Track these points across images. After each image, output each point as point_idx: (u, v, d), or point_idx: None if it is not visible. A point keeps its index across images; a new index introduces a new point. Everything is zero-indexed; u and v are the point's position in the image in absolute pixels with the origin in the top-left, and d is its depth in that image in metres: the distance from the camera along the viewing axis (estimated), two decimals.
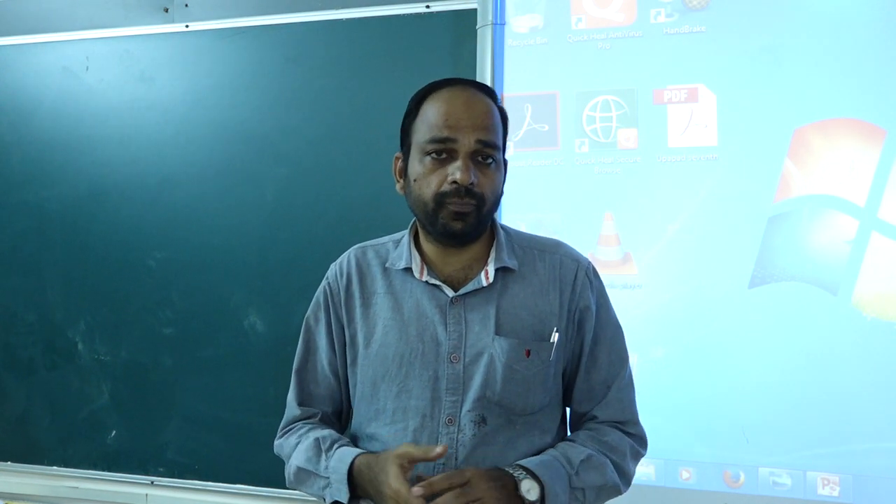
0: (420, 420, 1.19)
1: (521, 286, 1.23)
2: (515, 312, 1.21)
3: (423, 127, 1.18)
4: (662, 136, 1.86)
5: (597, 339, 1.27)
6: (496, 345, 1.19)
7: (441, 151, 1.15)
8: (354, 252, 1.33)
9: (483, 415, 1.18)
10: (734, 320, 1.80)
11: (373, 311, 1.25)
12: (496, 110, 1.20)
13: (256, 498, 2.27)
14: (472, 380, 1.19)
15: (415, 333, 1.21)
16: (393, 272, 1.26)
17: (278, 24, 2.24)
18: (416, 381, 1.20)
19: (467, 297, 1.21)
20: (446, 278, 1.23)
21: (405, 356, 1.21)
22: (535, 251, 1.27)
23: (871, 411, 1.70)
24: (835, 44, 1.75)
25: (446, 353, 1.20)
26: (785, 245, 1.77)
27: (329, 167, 2.20)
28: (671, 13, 1.86)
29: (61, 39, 2.45)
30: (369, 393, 1.24)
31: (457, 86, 1.20)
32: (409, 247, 1.25)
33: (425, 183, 1.17)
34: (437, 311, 1.21)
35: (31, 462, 2.49)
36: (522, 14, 1.98)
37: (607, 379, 1.27)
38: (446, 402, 1.19)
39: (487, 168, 1.16)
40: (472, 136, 1.14)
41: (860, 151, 1.73)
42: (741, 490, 1.80)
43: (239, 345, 2.28)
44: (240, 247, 2.28)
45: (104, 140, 2.40)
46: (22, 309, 2.50)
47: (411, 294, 1.23)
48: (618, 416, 1.27)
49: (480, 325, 1.20)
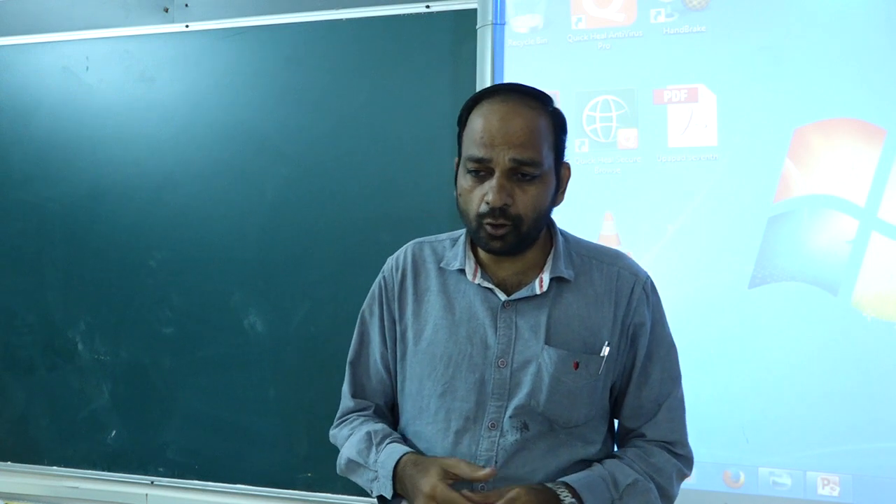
0: (463, 422, 1.19)
1: (575, 296, 1.21)
2: (567, 323, 1.20)
3: (467, 141, 1.17)
4: (662, 136, 1.86)
5: (650, 356, 1.25)
6: (545, 354, 1.18)
7: (479, 170, 1.14)
8: (412, 247, 1.32)
9: (525, 421, 1.17)
10: (734, 320, 1.80)
11: (425, 309, 1.25)
12: (541, 121, 1.15)
13: (256, 498, 2.27)
14: (519, 387, 1.18)
15: (464, 335, 1.20)
16: (447, 272, 1.25)
17: (278, 24, 2.24)
18: (462, 383, 1.20)
19: (519, 302, 1.20)
20: (500, 282, 1.22)
21: (453, 357, 1.20)
22: (593, 261, 1.25)
23: (871, 411, 1.70)
24: (835, 44, 1.75)
25: (494, 357, 1.19)
26: (785, 245, 1.77)
27: (329, 167, 2.20)
28: (671, 13, 1.86)
29: (61, 39, 2.45)
30: (415, 390, 1.24)
31: (498, 97, 1.16)
32: (465, 248, 1.24)
33: (468, 199, 1.16)
34: (488, 314, 1.20)
35: (31, 462, 2.48)
36: (522, 14, 1.98)
37: (658, 397, 1.25)
38: (491, 406, 1.18)
39: (527, 184, 1.14)
40: (507, 154, 1.12)
41: (860, 151, 1.73)
42: (741, 490, 1.80)
43: (239, 345, 2.28)
44: (240, 247, 2.28)
45: (104, 140, 2.40)
46: (22, 309, 2.50)
47: (464, 295, 1.23)
48: (667, 436, 1.25)
49: (531, 332, 1.19)
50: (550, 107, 1.18)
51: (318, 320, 2.21)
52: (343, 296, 2.18)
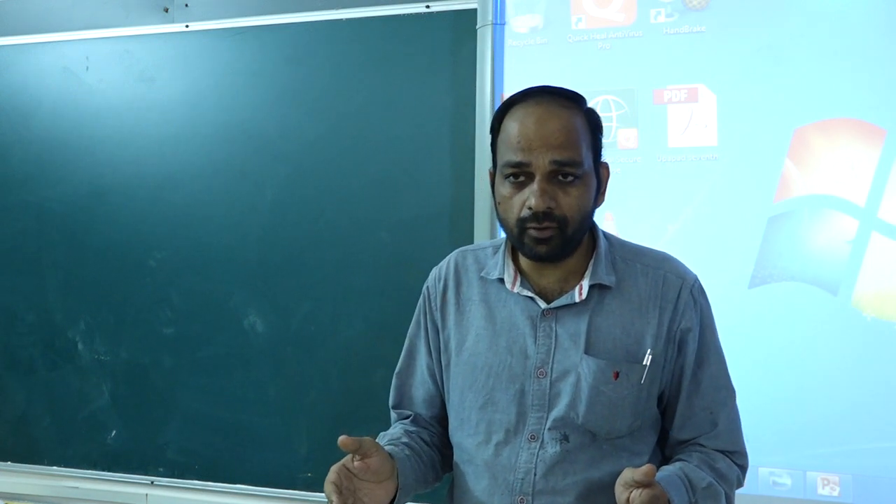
0: (504, 435, 1.17)
1: (618, 303, 1.18)
2: (609, 331, 1.16)
3: (502, 147, 1.14)
4: (662, 136, 1.86)
5: (700, 363, 1.21)
6: (584, 364, 1.14)
7: (518, 174, 1.11)
8: (455, 256, 1.30)
9: (566, 433, 1.15)
10: (734, 320, 1.79)
11: (466, 319, 1.23)
12: (577, 121, 1.13)
13: (256, 498, 2.27)
14: (559, 398, 1.15)
15: (504, 345, 1.18)
16: (489, 281, 1.23)
17: (278, 24, 2.24)
18: (503, 395, 1.18)
19: (560, 310, 1.17)
20: (541, 290, 1.19)
21: (493, 367, 1.19)
22: (637, 265, 1.21)
23: (871, 411, 1.70)
24: (835, 44, 1.75)
25: (534, 367, 1.17)
26: (785, 245, 1.77)
27: (329, 167, 2.20)
28: (671, 13, 1.86)
29: (61, 39, 2.45)
30: (457, 401, 1.23)
31: (531, 100, 1.14)
32: (504, 256, 1.21)
33: (508, 207, 1.13)
34: (528, 322, 1.18)
35: (31, 462, 2.48)
36: (522, 14, 1.98)
37: (711, 405, 1.21)
38: (532, 417, 1.16)
39: (569, 186, 1.11)
40: (547, 157, 1.09)
41: (860, 151, 1.73)
42: (741, 490, 1.78)
43: (239, 345, 2.28)
44: (240, 247, 2.28)
45: (104, 140, 2.40)
46: (22, 309, 2.50)
47: (504, 304, 1.20)
48: (728, 447, 1.23)
49: (570, 341, 1.16)
50: (584, 106, 1.16)
51: (318, 320, 2.21)
52: (343, 296, 2.18)
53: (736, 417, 1.26)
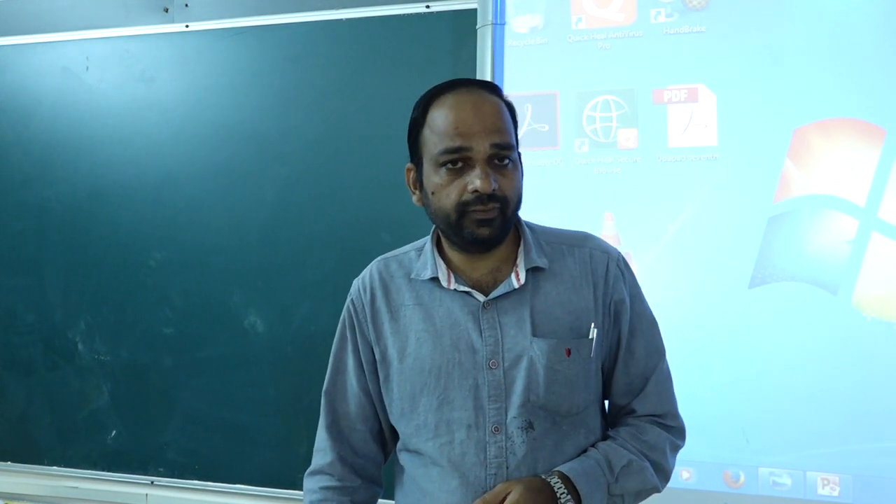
0: (465, 431, 1.17)
1: (553, 284, 1.20)
2: (551, 311, 1.19)
3: (433, 137, 1.15)
4: (662, 136, 1.86)
5: (633, 332, 1.24)
6: (535, 347, 1.16)
7: (456, 161, 1.12)
8: (376, 265, 1.30)
9: (529, 420, 1.16)
10: (734, 320, 1.79)
11: (402, 325, 1.22)
12: (504, 107, 1.16)
13: (256, 498, 2.27)
14: (515, 384, 1.16)
15: (449, 343, 1.18)
16: (419, 283, 1.23)
17: (278, 24, 2.24)
18: (457, 392, 1.18)
19: (499, 300, 1.18)
20: (475, 283, 1.20)
21: (443, 367, 1.18)
22: (563, 246, 1.24)
23: (871, 411, 1.70)
24: (835, 44, 1.75)
25: (484, 359, 1.17)
26: (785, 245, 1.77)
27: (329, 167, 2.20)
28: (671, 13, 1.86)
29: (61, 39, 2.45)
30: (409, 408, 1.21)
31: (460, 89, 1.16)
32: (433, 255, 1.22)
33: (444, 194, 1.14)
34: (469, 317, 1.18)
35: (31, 462, 2.49)
36: (522, 14, 1.98)
37: (645, 371, 1.25)
38: (490, 409, 1.17)
39: (506, 169, 1.13)
40: (486, 140, 1.11)
41: (860, 151, 1.73)
42: (741, 490, 1.80)
43: (239, 345, 2.28)
44: (240, 247, 2.28)
45: (104, 140, 2.40)
46: (22, 309, 2.50)
47: (441, 303, 1.20)
48: (657, 409, 1.25)
49: (516, 327, 1.17)
50: (505, 98, 1.20)
51: (318, 320, 2.21)
52: (343, 296, 2.16)
53: (664, 379, 1.28)
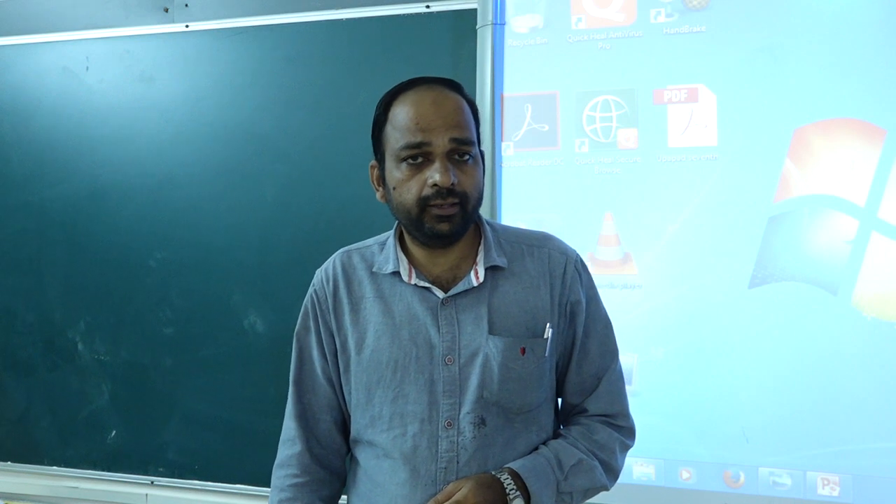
0: (419, 425, 1.19)
1: (511, 283, 1.22)
2: (508, 310, 1.21)
3: (394, 133, 1.16)
4: (662, 136, 1.86)
5: (587, 332, 1.27)
6: (490, 344, 1.18)
7: (417, 156, 1.14)
8: (339, 257, 1.31)
9: (482, 416, 1.18)
10: (734, 320, 1.80)
11: (362, 317, 1.24)
12: (465, 105, 1.18)
13: (256, 498, 2.27)
14: (469, 381, 1.18)
15: (407, 337, 1.20)
16: (380, 276, 1.24)
17: (278, 24, 2.24)
18: (412, 386, 1.19)
19: (458, 297, 1.20)
20: (435, 279, 1.22)
21: (399, 361, 1.20)
22: (522, 246, 1.26)
23: (871, 411, 1.70)
24: (835, 44, 1.75)
25: (440, 355, 1.19)
26: (785, 245, 1.77)
27: (329, 167, 2.20)
28: (671, 13, 1.86)
29: (61, 39, 2.45)
30: (364, 399, 1.23)
31: (422, 86, 1.18)
32: (396, 250, 1.24)
33: (405, 189, 1.15)
34: (428, 313, 1.20)
35: (31, 462, 2.49)
36: (522, 14, 1.98)
37: (598, 371, 1.27)
38: (444, 404, 1.19)
39: (466, 165, 1.15)
40: (446, 135, 1.13)
41: (860, 151, 1.73)
42: (741, 490, 1.80)
43: (239, 345, 2.28)
44: (240, 247, 2.28)
45: (104, 140, 2.40)
46: (22, 309, 2.50)
47: (401, 297, 1.22)
48: (608, 409, 1.28)
49: (473, 325, 1.19)
50: (466, 96, 1.20)
51: None
52: None
53: (616, 380, 1.30)
